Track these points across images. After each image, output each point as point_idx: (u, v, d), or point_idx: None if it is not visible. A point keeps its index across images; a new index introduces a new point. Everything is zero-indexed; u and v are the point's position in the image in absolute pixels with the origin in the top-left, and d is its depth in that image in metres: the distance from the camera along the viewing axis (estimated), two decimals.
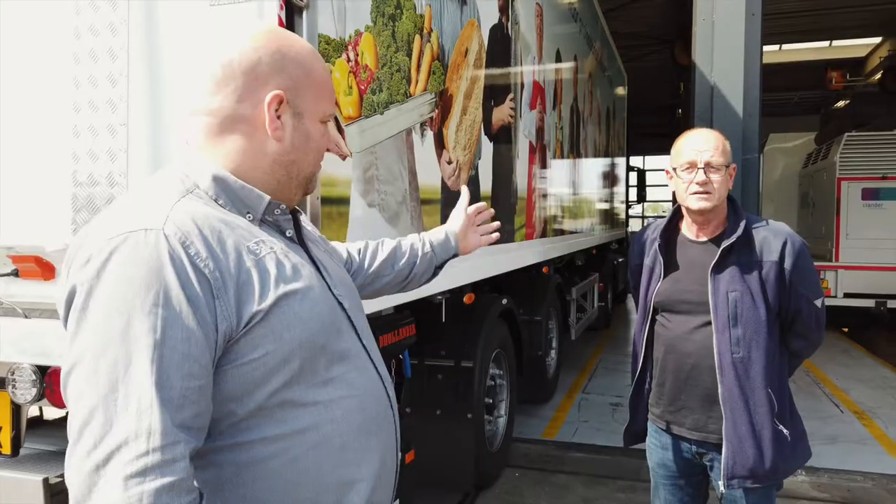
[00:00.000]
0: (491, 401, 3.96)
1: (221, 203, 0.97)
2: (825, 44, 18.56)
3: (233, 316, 0.87)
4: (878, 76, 16.69)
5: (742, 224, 1.85)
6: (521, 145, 4.09)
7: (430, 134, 2.64)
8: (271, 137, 0.98)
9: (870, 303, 8.90)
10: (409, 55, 2.42)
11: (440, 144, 2.75)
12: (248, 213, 0.98)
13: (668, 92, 17.77)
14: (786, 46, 18.80)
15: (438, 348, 3.63)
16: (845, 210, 9.07)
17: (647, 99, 15.99)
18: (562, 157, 5.48)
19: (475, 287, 3.99)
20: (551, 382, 5.82)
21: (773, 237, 1.84)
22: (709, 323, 1.83)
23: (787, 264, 1.82)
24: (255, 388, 0.89)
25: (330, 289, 1.04)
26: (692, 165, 1.83)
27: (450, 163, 2.84)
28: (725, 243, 1.84)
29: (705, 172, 1.81)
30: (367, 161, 2.12)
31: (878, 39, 16.72)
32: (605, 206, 8.80)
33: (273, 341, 0.90)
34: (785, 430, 1.84)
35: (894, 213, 8.87)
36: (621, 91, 10.67)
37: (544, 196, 4.81)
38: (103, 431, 0.77)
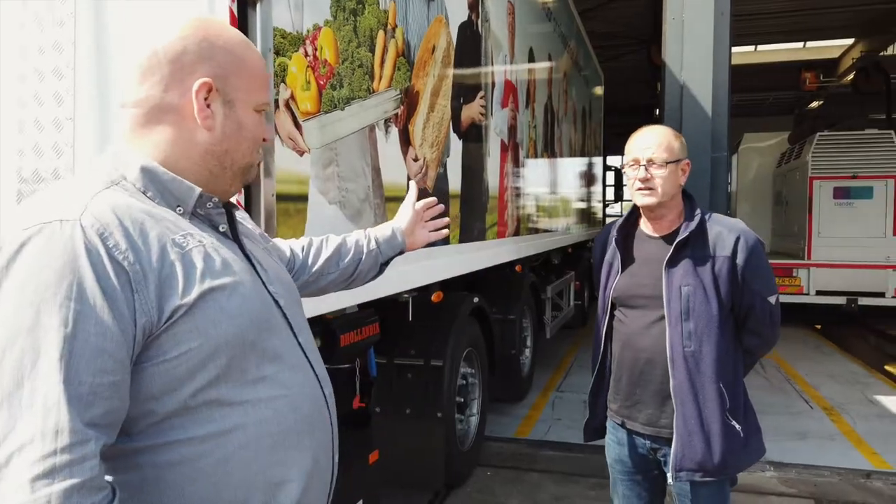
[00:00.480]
0: (462, 400, 3.95)
1: (150, 195, 0.94)
2: (799, 45, 18.81)
3: (153, 310, 0.84)
4: (850, 77, 16.97)
5: (696, 219, 1.87)
6: (493, 143, 4.09)
7: (394, 131, 2.61)
8: (201, 126, 0.96)
9: (841, 300, 9.03)
10: (372, 51, 2.40)
11: (406, 142, 2.73)
12: (179, 206, 0.95)
13: (645, 92, 17.90)
14: (761, 47, 19.02)
15: (408, 347, 3.61)
16: (817, 209, 9.20)
17: (626, 99, 16.11)
18: (535, 155, 5.49)
19: (445, 285, 3.98)
20: (526, 381, 5.82)
21: (727, 233, 1.85)
22: (663, 318, 1.84)
23: (740, 260, 1.82)
24: (178, 385, 0.87)
25: (265, 285, 1.02)
26: (636, 162, 1.86)
27: (416, 160, 2.82)
28: (679, 238, 1.85)
29: (646, 169, 1.84)
30: (328, 157, 2.09)
31: (850, 41, 16.98)
32: (582, 204, 8.83)
33: (198, 337, 0.87)
34: (737, 426, 1.84)
35: (864, 212, 9.02)
36: (598, 91, 10.72)
37: (517, 194, 4.80)
38: (6, 430, 0.74)
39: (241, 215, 1.11)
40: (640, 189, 1.87)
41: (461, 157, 3.47)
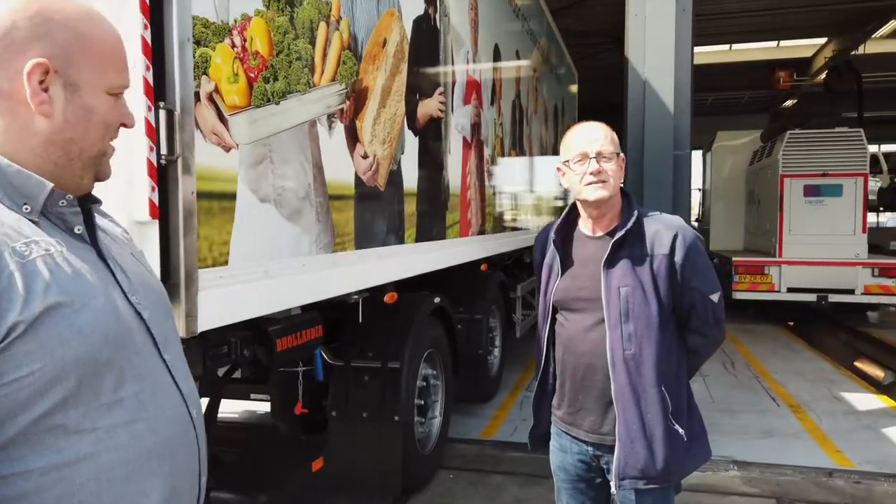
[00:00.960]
0: (423, 402, 3.87)
1: None
2: (773, 44, 18.99)
3: None
4: (822, 76, 17.15)
5: (633, 217, 1.81)
6: (454, 140, 4.01)
7: (340, 126, 2.53)
8: (37, 113, 0.86)
9: (812, 297, 9.09)
10: (313, 43, 2.31)
11: (354, 138, 2.65)
12: (26, 204, 0.85)
13: (622, 91, 17.95)
14: (735, 46, 19.17)
15: (366, 349, 3.53)
16: (788, 206, 9.25)
17: (603, 98, 16.11)
18: (503, 153, 5.42)
19: (404, 285, 3.90)
20: (494, 381, 5.76)
21: (665, 230, 1.79)
22: (604, 321, 1.78)
23: (678, 258, 1.77)
24: (18, 412, 0.77)
25: (126, 296, 0.92)
26: (584, 157, 1.79)
27: (365, 157, 2.74)
28: (616, 237, 1.79)
29: (598, 161, 1.78)
30: (259, 153, 2.00)
31: (823, 40, 17.16)
32: (555, 203, 8.80)
33: (41, 358, 0.78)
34: (680, 430, 1.78)
35: (834, 210, 9.08)
36: (573, 89, 10.70)
37: (483, 193, 4.74)
38: None
39: (102, 219, 1.01)
40: (591, 183, 1.79)
41: (418, 155, 3.39)
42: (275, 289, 2.05)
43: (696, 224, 17.89)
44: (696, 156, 18.13)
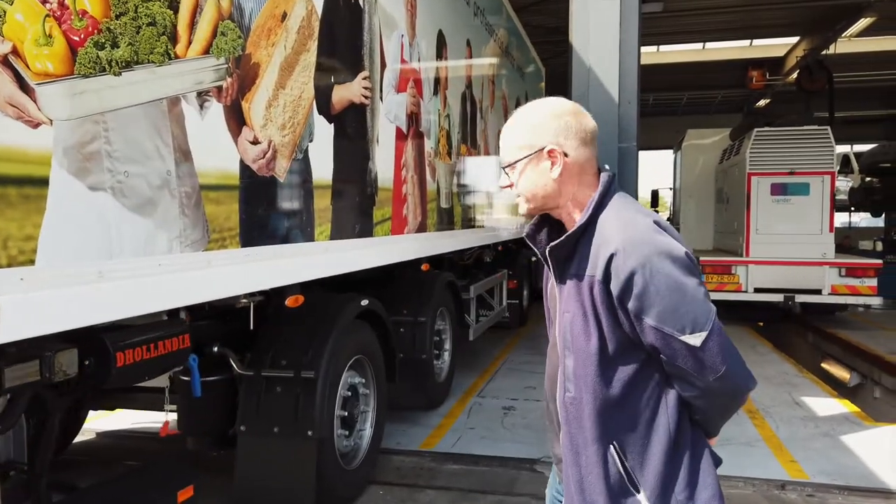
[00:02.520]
0: (347, 413, 3.57)
1: None
2: (746, 43, 18.99)
3: None
4: (794, 76, 17.13)
5: (584, 219, 1.38)
6: (384, 130, 3.72)
7: (216, 107, 2.22)
8: None
9: (779, 297, 8.93)
10: (175, 8, 2.00)
11: (238, 121, 2.34)
12: None
13: None
14: (708, 45, 19.13)
15: (279, 358, 3.23)
16: (755, 205, 9.08)
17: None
18: (450, 147, 5.14)
19: (335, 286, 3.61)
20: (442, 386, 5.47)
21: (603, 245, 1.34)
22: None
23: (614, 286, 1.31)
24: None
25: None
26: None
27: (256, 143, 2.43)
28: (549, 247, 1.41)
29: (506, 174, 1.46)
30: (88, 132, 1.69)
31: (795, 39, 17.14)
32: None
33: None
34: None
35: (801, 208, 8.93)
36: (540, 86, 10.47)
37: (423, 188, 4.45)
38: None
39: None
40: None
41: (333, 143, 3.09)
42: (114, 293, 1.74)
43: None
44: (669, 154, 18.02)
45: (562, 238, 1.39)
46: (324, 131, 2.98)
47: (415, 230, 4.29)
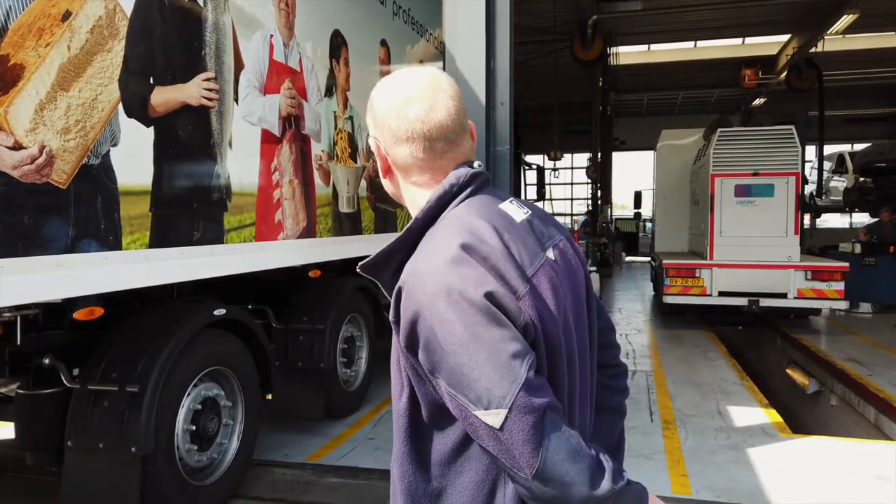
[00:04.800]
0: (196, 427, 3.45)
1: None
2: (738, 41, 18.71)
3: None
4: (784, 74, 16.77)
5: (400, 234, 1.11)
6: (242, 133, 3.60)
7: None
8: None
9: (743, 301, 8.67)
10: None
11: None
12: None
13: (583, 88, 17.59)
14: (700, 44, 18.85)
15: (110, 370, 3.13)
16: (719, 207, 8.82)
17: (560, 95, 15.72)
18: (353, 149, 5.01)
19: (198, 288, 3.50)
20: (354, 396, 5.34)
21: (401, 276, 1.05)
22: None
23: (402, 331, 1.02)
24: None
25: None
26: None
27: (18, 148, 2.33)
28: (360, 265, 1.14)
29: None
30: None
31: (786, 37, 16.81)
32: None
33: None
34: None
35: (765, 210, 8.66)
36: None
37: (308, 192, 4.32)
38: None
39: None
40: None
41: (154, 148, 2.98)
42: None
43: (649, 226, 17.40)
44: (650, 156, 17.72)
45: (372, 256, 1.11)
46: (135, 134, 2.87)
47: (296, 236, 4.16)
